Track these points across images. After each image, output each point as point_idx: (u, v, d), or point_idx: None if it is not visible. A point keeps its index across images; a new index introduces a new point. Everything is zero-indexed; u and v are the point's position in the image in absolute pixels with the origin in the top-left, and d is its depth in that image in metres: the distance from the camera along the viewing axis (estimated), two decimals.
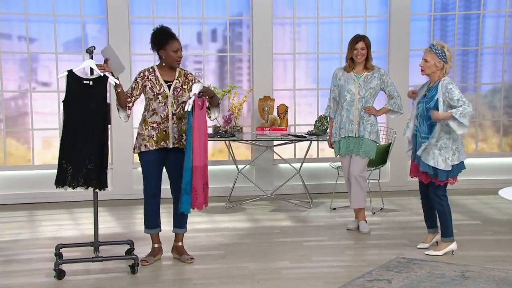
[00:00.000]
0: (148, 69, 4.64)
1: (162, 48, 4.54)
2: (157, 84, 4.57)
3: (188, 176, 4.38)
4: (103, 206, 6.21)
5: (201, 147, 4.41)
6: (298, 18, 7.27)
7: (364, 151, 5.36)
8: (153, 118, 4.58)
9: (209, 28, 7.26)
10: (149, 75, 4.59)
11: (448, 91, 4.56)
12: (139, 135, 4.62)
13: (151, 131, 4.57)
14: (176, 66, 4.60)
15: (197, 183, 4.40)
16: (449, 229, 4.73)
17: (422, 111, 4.69)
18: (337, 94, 5.48)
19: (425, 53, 4.68)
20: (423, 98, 4.72)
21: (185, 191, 4.41)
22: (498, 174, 7.31)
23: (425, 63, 4.66)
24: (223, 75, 7.26)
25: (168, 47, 4.52)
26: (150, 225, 4.74)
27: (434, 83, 4.68)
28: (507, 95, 7.54)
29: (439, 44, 4.66)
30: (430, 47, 4.66)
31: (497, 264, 4.53)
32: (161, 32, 4.57)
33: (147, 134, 4.57)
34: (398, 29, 7.19)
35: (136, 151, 4.63)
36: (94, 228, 4.47)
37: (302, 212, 6.26)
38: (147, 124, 4.59)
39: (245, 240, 5.28)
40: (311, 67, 7.39)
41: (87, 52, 4.41)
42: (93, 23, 7.03)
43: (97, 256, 4.43)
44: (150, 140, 4.56)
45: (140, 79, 4.58)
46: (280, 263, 4.68)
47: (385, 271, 4.36)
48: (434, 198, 4.72)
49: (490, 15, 7.43)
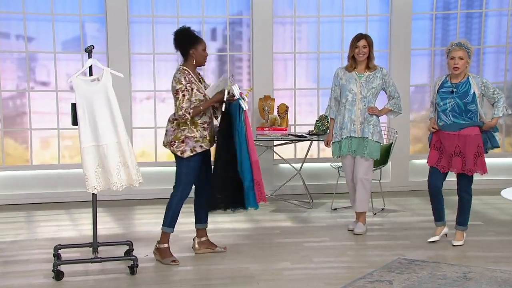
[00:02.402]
0: (184, 71, 4.65)
1: (192, 47, 4.65)
2: (199, 84, 4.69)
3: (248, 173, 4.55)
4: (102, 206, 6.21)
5: (252, 144, 4.60)
6: (298, 17, 7.27)
7: (368, 152, 5.36)
8: (203, 119, 4.67)
9: (209, 27, 7.26)
10: (190, 78, 4.65)
11: (484, 84, 4.91)
12: (188, 138, 4.61)
13: (203, 131, 4.66)
14: (204, 65, 4.80)
15: (258, 177, 4.58)
16: (468, 219, 5.08)
17: (457, 106, 4.90)
18: (338, 94, 5.48)
19: (456, 51, 4.88)
20: (450, 94, 4.90)
21: (250, 187, 4.57)
22: (500, 174, 7.31)
23: (460, 60, 4.87)
24: (223, 75, 7.25)
25: (199, 46, 4.66)
26: (174, 225, 4.78)
27: (462, 79, 4.92)
28: (509, 94, 7.55)
29: (465, 42, 4.93)
30: (459, 45, 4.89)
31: (500, 265, 4.54)
32: (188, 31, 4.69)
33: (200, 135, 4.64)
34: (399, 28, 7.20)
35: (189, 154, 4.61)
36: (93, 229, 4.48)
37: (302, 213, 6.26)
38: (197, 126, 4.65)
39: (245, 240, 5.28)
40: (311, 66, 7.40)
41: (86, 51, 4.42)
42: (92, 22, 7.03)
43: (96, 257, 4.43)
44: (205, 140, 4.66)
45: (189, 85, 4.61)
46: (281, 264, 4.68)
47: (386, 272, 4.37)
48: (465, 190, 4.99)
49: (493, 14, 7.44)
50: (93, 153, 4.26)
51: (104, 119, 4.26)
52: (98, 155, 4.27)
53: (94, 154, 4.27)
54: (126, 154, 4.28)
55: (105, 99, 4.27)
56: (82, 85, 4.29)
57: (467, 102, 4.89)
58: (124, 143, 4.28)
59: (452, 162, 4.94)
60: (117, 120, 4.27)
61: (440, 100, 4.98)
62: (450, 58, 4.91)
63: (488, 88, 4.92)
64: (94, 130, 4.26)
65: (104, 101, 4.27)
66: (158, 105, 7.13)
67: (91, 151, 4.26)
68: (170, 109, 7.17)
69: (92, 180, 4.26)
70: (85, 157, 4.25)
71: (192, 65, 4.69)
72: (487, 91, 4.92)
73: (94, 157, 4.26)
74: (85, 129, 4.26)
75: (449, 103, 4.93)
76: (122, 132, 4.28)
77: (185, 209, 6.50)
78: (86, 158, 4.25)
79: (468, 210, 5.04)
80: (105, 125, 4.25)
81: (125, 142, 4.29)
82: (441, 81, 5.04)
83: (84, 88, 4.28)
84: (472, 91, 4.88)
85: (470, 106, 4.89)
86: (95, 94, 4.27)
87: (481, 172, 4.94)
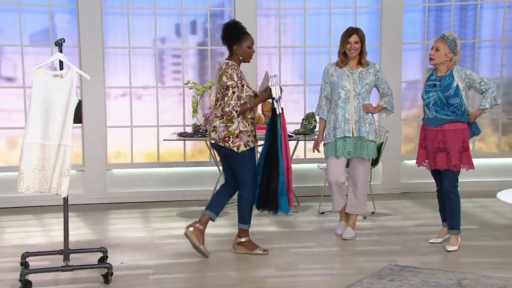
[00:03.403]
0: (234, 67, 4.89)
1: (236, 43, 4.88)
2: (247, 81, 4.96)
3: (282, 177, 4.87)
4: (74, 211, 6.18)
5: (288, 148, 4.92)
6: (283, 9, 7.28)
7: (366, 153, 5.38)
8: (251, 115, 4.98)
9: (188, 19, 7.24)
10: (241, 74, 4.91)
11: (468, 76, 4.96)
12: (242, 132, 4.88)
13: (251, 126, 4.97)
14: (249, 62, 5.03)
15: (291, 183, 4.91)
16: (459, 221, 5.08)
17: (439, 100, 4.96)
18: (329, 92, 5.48)
19: (436, 41, 5.02)
20: (433, 88, 5.00)
21: (281, 192, 4.88)
22: (496, 176, 7.38)
23: (435, 52, 4.97)
24: (204, 70, 7.25)
25: (244, 42, 4.89)
26: (250, 220, 5.04)
27: (445, 72, 4.98)
28: (506, 91, 7.62)
29: (450, 35, 5.00)
30: (442, 37, 4.99)
31: (496, 271, 4.57)
32: (235, 26, 4.93)
33: (250, 129, 4.94)
34: (390, 21, 7.23)
35: (243, 149, 4.88)
36: (64, 235, 4.44)
37: (288, 217, 6.27)
38: (248, 121, 4.93)
39: (226, 246, 5.27)
40: (297, 61, 7.41)
41: (56, 45, 4.38)
42: (62, 13, 6.98)
43: (67, 265, 4.39)
44: (251, 135, 4.96)
45: (239, 82, 4.85)
46: (265, 271, 4.68)
47: (377, 279, 4.39)
48: (450, 189, 5.00)
49: (488, 6, 7.50)
50: (36, 151, 4.21)
51: (57, 118, 4.21)
52: (41, 155, 4.22)
53: (37, 153, 4.21)
54: (60, 159, 4.20)
55: (64, 98, 4.22)
56: (43, 78, 4.25)
57: (448, 95, 4.95)
58: (63, 148, 4.20)
59: (437, 159, 5.01)
60: (68, 122, 4.21)
61: (424, 94, 5.10)
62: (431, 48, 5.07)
63: (474, 80, 4.96)
64: (44, 128, 4.22)
65: (62, 100, 4.22)
66: (134, 103, 7.10)
67: (34, 149, 4.21)
68: (147, 106, 7.26)
69: (28, 180, 4.21)
70: (25, 154, 4.19)
71: (238, 61, 4.93)
72: (473, 83, 4.96)
73: (35, 156, 4.21)
74: (34, 124, 4.20)
75: (432, 97, 5.02)
76: (67, 137, 4.20)
77: (163, 213, 6.52)
78: (27, 156, 4.19)
79: (458, 212, 5.06)
80: (57, 125, 4.21)
81: (66, 147, 4.20)
82: (428, 74, 5.15)
83: (44, 81, 4.24)
84: (454, 84, 4.94)
85: (452, 100, 4.95)
86: (54, 91, 4.23)
87: (467, 167, 5.02)
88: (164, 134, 6.97)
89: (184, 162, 7.21)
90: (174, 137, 6.59)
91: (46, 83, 4.24)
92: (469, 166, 5.02)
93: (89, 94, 6.81)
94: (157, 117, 7.12)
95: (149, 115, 7.12)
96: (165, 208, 6.71)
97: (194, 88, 6.57)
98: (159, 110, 7.13)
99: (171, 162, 7.22)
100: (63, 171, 4.20)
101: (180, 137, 6.53)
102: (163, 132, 7.07)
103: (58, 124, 4.21)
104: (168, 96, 7.24)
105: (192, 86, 6.58)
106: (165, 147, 7.17)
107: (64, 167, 4.20)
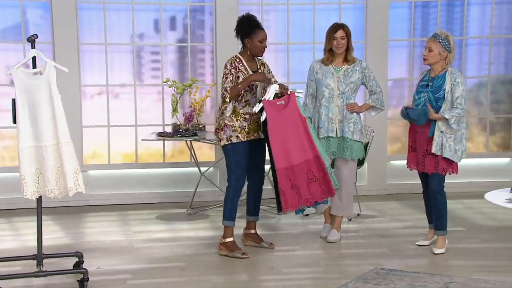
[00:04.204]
0: (235, 59, 5.11)
1: (248, 37, 5.06)
2: (248, 74, 5.05)
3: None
4: (48, 214, 6.13)
5: (285, 147, 4.96)
6: (266, 5, 7.28)
7: (350, 154, 5.39)
8: (245, 109, 5.08)
9: (168, 15, 7.22)
10: (239, 66, 5.08)
11: (455, 84, 4.94)
12: (227, 126, 5.04)
13: (243, 122, 5.07)
14: (260, 56, 5.18)
15: (283, 185, 4.94)
16: (446, 222, 5.13)
17: (429, 101, 4.99)
18: (314, 89, 5.48)
19: (428, 42, 5.04)
20: (425, 88, 5.03)
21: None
22: (484, 176, 7.44)
23: (429, 52, 5.01)
24: (184, 68, 7.23)
25: (255, 37, 5.04)
26: (234, 217, 5.12)
27: (438, 72, 5.02)
28: (494, 89, 7.69)
29: (442, 33, 5.04)
30: (433, 36, 5.02)
31: (483, 274, 4.61)
32: (248, 20, 5.09)
33: (239, 125, 5.05)
34: (376, 17, 7.26)
35: (225, 142, 5.04)
36: (38, 239, 4.40)
37: (271, 219, 6.27)
38: (239, 116, 5.06)
39: (208, 250, 5.27)
40: (281, 58, 7.41)
41: (28, 41, 4.34)
42: (34, 8, 6.92)
43: (40, 270, 4.35)
44: (242, 131, 5.06)
45: (234, 71, 5.04)
46: (247, 275, 4.68)
47: (362, 283, 4.40)
48: (436, 189, 5.03)
49: (475, 2, 7.56)
50: (33, 154, 4.19)
51: (45, 117, 4.18)
52: (37, 157, 4.20)
53: (34, 156, 4.19)
54: (64, 158, 4.19)
55: (48, 95, 4.20)
56: (23, 78, 4.22)
57: (438, 97, 4.97)
58: (64, 146, 4.19)
59: (425, 162, 5.03)
60: (59, 119, 4.19)
61: (416, 94, 5.13)
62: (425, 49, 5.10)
63: (455, 91, 4.92)
64: (34, 129, 4.19)
65: (46, 97, 4.20)
66: (111, 101, 7.06)
67: (31, 152, 4.18)
68: (124, 105, 7.22)
69: (31, 185, 4.19)
70: (23, 159, 4.17)
71: (247, 55, 5.11)
72: (453, 93, 4.93)
73: (33, 159, 4.19)
74: (25, 127, 4.18)
75: (423, 97, 5.05)
76: (63, 133, 4.19)
77: (142, 215, 6.49)
78: (25, 160, 4.17)
79: (445, 213, 5.11)
80: (46, 124, 4.18)
81: (65, 145, 4.20)
82: (422, 75, 5.19)
83: (25, 81, 4.21)
84: (444, 87, 4.98)
85: (441, 102, 4.97)
86: (36, 89, 4.20)
87: (450, 171, 5.03)
88: (142, 134, 6.94)
89: (163, 163, 7.19)
90: (153, 137, 6.57)
91: (27, 83, 4.21)
92: (452, 170, 5.04)
93: (64, 92, 6.58)
94: (135, 116, 7.09)
95: (127, 114, 7.09)
96: (144, 211, 6.68)
97: (173, 86, 6.56)
98: (137, 109, 7.10)
99: (150, 163, 7.19)
100: (75, 169, 4.22)
101: (159, 137, 6.51)
102: (141, 131, 7.04)
103: (48, 122, 4.18)
104: (146, 95, 7.21)
105: (171, 84, 6.56)
106: (143, 148, 7.14)
107: (74, 165, 4.22)
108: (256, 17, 5.16)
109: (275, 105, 5.01)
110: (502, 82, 7.69)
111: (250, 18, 5.11)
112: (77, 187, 4.24)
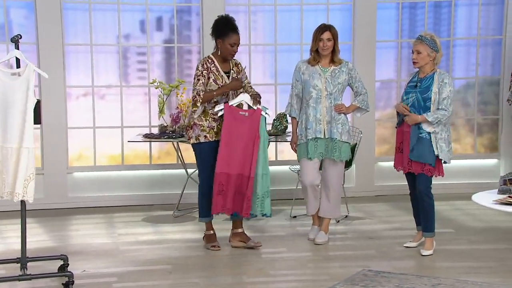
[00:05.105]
0: (207, 60, 5.18)
1: (220, 38, 5.12)
2: (219, 76, 5.16)
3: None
4: (32, 216, 6.09)
5: (230, 155, 5.09)
6: (253, 5, 7.28)
7: (338, 155, 5.40)
8: (213, 111, 5.15)
9: (154, 15, 7.20)
10: (211, 66, 5.15)
11: (442, 84, 5.00)
12: (196, 125, 5.17)
13: (212, 122, 5.17)
14: (229, 59, 5.23)
15: (214, 188, 5.10)
16: (434, 223, 5.14)
17: (417, 101, 5.04)
18: (300, 90, 5.49)
19: (415, 45, 5.07)
20: (414, 89, 5.07)
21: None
22: (472, 178, 7.46)
23: (418, 55, 5.04)
24: (170, 69, 7.21)
25: (227, 39, 5.10)
26: (208, 213, 5.26)
27: (427, 73, 5.06)
28: (481, 91, 7.72)
29: (427, 34, 5.08)
30: (419, 39, 5.05)
31: (471, 276, 4.63)
32: (224, 21, 5.15)
33: (208, 125, 5.16)
34: (363, 18, 7.28)
35: (193, 141, 5.19)
36: (22, 242, 4.37)
37: (258, 221, 6.26)
38: (208, 116, 5.16)
39: (195, 252, 5.26)
40: (268, 59, 7.42)
41: (12, 41, 4.32)
42: (18, 8, 6.87)
43: (24, 273, 4.33)
44: (211, 131, 5.18)
45: (205, 72, 5.12)
46: (234, 277, 4.67)
47: (350, 285, 4.41)
48: (423, 191, 5.06)
49: (463, 3, 7.59)
50: None
51: (16, 119, 4.14)
52: (1, 157, 4.16)
53: None
54: (21, 163, 4.13)
55: (23, 97, 4.16)
56: (1, 76, 4.18)
57: (426, 98, 5.02)
58: (24, 151, 4.14)
59: (412, 162, 5.06)
60: (28, 123, 4.15)
61: (404, 94, 5.17)
62: (412, 52, 5.11)
63: (442, 92, 4.98)
64: (3, 129, 4.15)
65: (20, 99, 4.16)
66: (96, 103, 7.03)
67: None
68: (110, 106, 7.20)
69: None
70: None
71: (218, 56, 5.18)
72: (440, 95, 4.99)
73: None
74: None
75: (411, 98, 5.09)
76: (28, 138, 4.13)
77: (128, 218, 6.47)
78: None
79: (432, 214, 5.13)
80: (16, 125, 4.14)
81: (26, 150, 4.13)
82: (412, 76, 5.24)
83: (2, 80, 4.17)
84: (432, 87, 5.02)
85: (429, 102, 5.02)
86: (12, 90, 4.16)
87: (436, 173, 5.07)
88: (128, 135, 6.91)
89: (150, 164, 7.16)
90: (139, 139, 6.55)
91: (4, 81, 4.17)
92: (438, 173, 5.08)
93: (49, 93, 6.72)
94: (121, 117, 7.06)
95: (113, 116, 7.05)
96: (130, 213, 6.65)
97: (160, 87, 6.53)
98: (124, 110, 7.07)
99: (136, 164, 7.16)
100: (28, 176, 4.15)
101: (146, 138, 6.49)
102: (127, 133, 7.00)
103: (17, 125, 4.15)
104: (132, 96, 7.18)
105: (158, 85, 6.54)
106: (129, 149, 7.11)
107: (28, 172, 4.15)
108: (234, 20, 5.19)
109: (237, 114, 5.11)
110: (489, 83, 7.74)
111: (227, 20, 5.17)
112: (24, 194, 4.17)
